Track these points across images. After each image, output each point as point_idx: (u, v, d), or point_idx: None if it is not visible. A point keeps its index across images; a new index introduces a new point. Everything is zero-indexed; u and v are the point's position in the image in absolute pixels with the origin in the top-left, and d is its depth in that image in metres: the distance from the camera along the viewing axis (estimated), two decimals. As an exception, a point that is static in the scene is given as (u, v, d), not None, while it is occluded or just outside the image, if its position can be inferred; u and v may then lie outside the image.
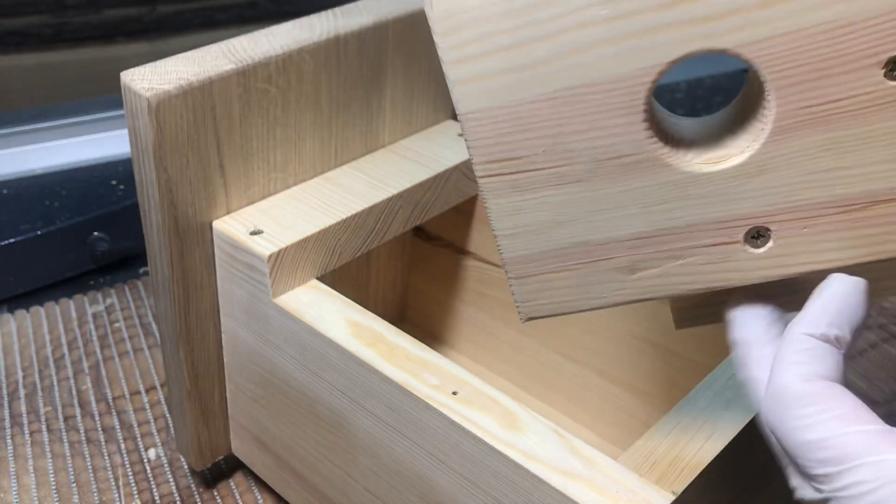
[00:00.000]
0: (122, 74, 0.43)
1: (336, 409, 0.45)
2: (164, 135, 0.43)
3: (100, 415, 0.61)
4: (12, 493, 0.55)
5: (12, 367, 0.65)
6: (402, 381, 0.41)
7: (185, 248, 0.47)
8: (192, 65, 0.44)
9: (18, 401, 0.62)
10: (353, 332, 0.44)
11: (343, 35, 0.49)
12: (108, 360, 0.66)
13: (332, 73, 0.50)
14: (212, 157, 0.46)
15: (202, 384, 0.52)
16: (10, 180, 0.79)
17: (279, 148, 0.50)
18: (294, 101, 0.49)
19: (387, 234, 0.52)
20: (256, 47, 0.46)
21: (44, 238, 0.72)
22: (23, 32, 1.26)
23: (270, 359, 0.48)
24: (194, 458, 0.55)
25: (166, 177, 0.44)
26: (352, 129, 0.53)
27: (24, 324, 0.70)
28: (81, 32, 1.25)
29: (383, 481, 0.45)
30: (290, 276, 0.47)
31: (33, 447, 0.59)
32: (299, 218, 0.49)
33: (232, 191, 0.48)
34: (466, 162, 0.55)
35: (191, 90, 0.43)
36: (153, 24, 1.26)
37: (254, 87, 0.46)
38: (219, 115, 0.45)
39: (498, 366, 0.62)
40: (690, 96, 1.06)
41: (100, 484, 0.56)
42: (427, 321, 0.66)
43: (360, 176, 0.53)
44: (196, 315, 0.50)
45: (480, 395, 0.40)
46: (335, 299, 0.46)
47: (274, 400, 0.50)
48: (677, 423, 0.39)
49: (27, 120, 0.89)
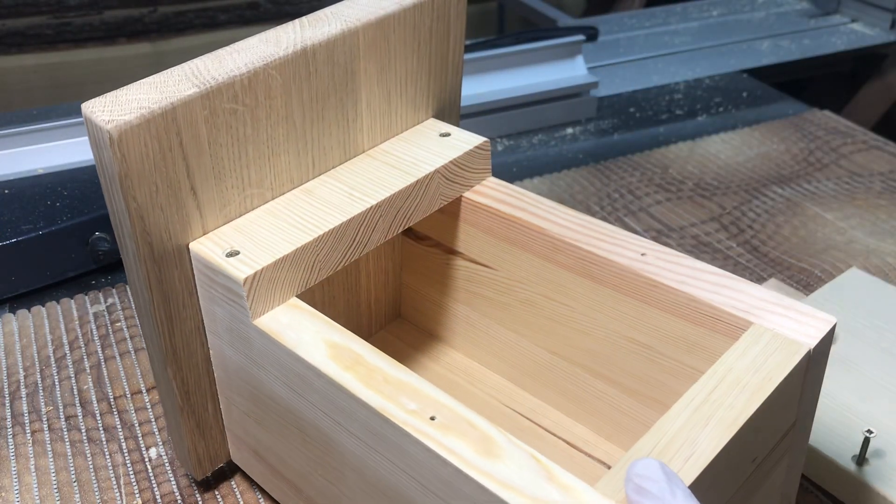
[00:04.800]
0: (83, 106, 0.41)
1: (321, 429, 0.44)
2: (130, 165, 0.41)
3: (101, 414, 0.61)
4: (14, 493, 0.54)
5: (14, 366, 0.65)
6: (379, 407, 0.39)
7: (162, 273, 0.46)
8: (154, 91, 0.42)
9: (20, 400, 0.62)
10: (332, 354, 0.42)
11: (310, 47, 0.47)
12: (110, 360, 0.66)
13: (302, 85, 0.48)
14: (182, 182, 0.44)
15: (194, 399, 0.51)
16: (12, 180, 0.79)
17: (252, 165, 0.48)
18: (264, 117, 0.47)
19: (367, 245, 0.50)
20: (220, 67, 0.44)
21: (45, 238, 0.71)
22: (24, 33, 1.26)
23: (256, 377, 0.47)
24: (193, 468, 0.53)
25: (136, 205, 0.43)
26: (328, 139, 0.51)
27: (25, 323, 0.69)
28: (82, 33, 1.25)
29: (371, 499, 0.43)
30: (268, 296, 0.45)
31: (35, 446, 0.58)
32: (276, 236, 0.47)
33: (207, 212, 0.47)
34: (447, 165, 0.53)
35: (153, 118, 0.41)
36: (154, 24, 1.26)
37: (220, 108, 0.44)
38: (185, 139, 0.43)
39: (493, 363, 0.60)
40: (689, 97, 1.06)
41: (101, 483, 0.55)
42: (422, 318, 0.64)
43: (338, 186, 0.51)
44: (181, 335, 0.48)
45: (458, 420, 0.39)
46: (315, 319, 0.45)
47: (264, 415, 0.48)
48: (655, 444, 0.37)
49: (28, 120, 0.88)
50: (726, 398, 0.39)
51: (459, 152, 0.54)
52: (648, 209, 0.82)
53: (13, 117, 0.92)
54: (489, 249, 0.56)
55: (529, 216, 0.53)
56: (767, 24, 1.22)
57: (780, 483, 0.46)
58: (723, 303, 0.45)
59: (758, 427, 0.40)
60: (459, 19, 0.55)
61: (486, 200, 0.54)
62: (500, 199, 0.54)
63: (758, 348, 0.42)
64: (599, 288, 0.50)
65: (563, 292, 0.53)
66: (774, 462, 0.44)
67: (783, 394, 0.41)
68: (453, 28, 0.55)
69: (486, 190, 0.55)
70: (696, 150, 0.93)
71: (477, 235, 0.56)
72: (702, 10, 1.28)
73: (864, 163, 0.89)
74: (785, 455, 0.45)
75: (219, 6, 1.29)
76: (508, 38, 1.08)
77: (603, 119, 1.00)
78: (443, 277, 0.60)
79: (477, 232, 0.56)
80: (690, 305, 0.46)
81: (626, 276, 0.48)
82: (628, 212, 0.82)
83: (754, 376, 0.40)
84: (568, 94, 0.98)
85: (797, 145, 0.93)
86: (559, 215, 0.52)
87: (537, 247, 0.52)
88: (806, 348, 0.42)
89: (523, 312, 0.56)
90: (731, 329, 0.45)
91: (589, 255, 0.50)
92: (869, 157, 0.90)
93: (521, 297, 0.55)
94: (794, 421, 0.44)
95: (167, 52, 1.25)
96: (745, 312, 0.44)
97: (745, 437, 0.39)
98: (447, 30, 0.55)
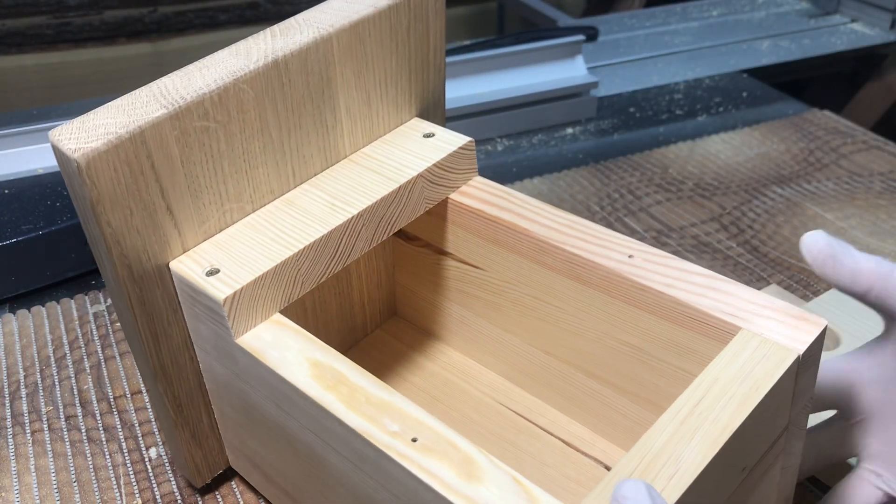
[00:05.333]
0: (51, 134, 0.40)
1: (309, 445, 0.43)
2: (101, 191, 0.40)
3: (101, 414, 0.60)
4: (14, 493, 0.54)
5: (14, 366, 0.64)
6: (361, 430, 0.38)
7: (144, 293, 0.45)
8: (121, 115, 0.41)
9: (20, 400, 0.61)
10: (314, 374, 0.41)
11: (282, 57, 0.46)
12: (110, 360, 0.65)
13: (276, 96, 0.46)
14: (157, 203, 0.43)
15: (187, 411, 0.50)
16: (12, 180, 0.78)
17: (230, 180, 0.46)
18: (238, 131, 0.45)
19: (351, 254, 0.49)
20: (189, 85, 0.43)
21: (45, 238, 0.70)
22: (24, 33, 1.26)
23: (245, 392, 0.46)
24: (192, 476, 0.53)
25: (111, 230, 0.42)
26: (307, 147, 0.50)
27: (25, 323, 0.68)
28: (82, 33, 1.25)
29: None
30: (250, 314, 0.44)
31: (35, 446, 0.57)
32: (256, 252, 0.46)
33: (185, 230, 0.45)
34: (431, 168, 0.52)
35: (121, 143, 0.40)
36: (154, 24, 1.26)
37: (190, 126, 0.43)
38: (157, 161, 0.42)
39: (489, 361, 0.59)
40: (689, 97, 1.05)
41: (101, 483, 0.55)
42: (418, 317, 0.63)
43: (319, 195, 0.50)
44: (168, 351, 0.47)
45: (440, 441, 0.38)
46: (298, 336, 0.44)
47: (255, 428, 0.48)
48: (640, 462, 0.36)
49: (28, 120, 0.88)
50: (712, 410, 0.38)
51: (443, 154, 0.52)
52: (648, 209, 0.82)
53: (13, 117, 0.91)
54: (477, 250, 0.55)
55: (515, 217, 0.51)
56: (767, 24, 1.21)
57: (775, 485, 0.45)
58: (710, 307, 0.44)
59: (746, 437, 0.39)
60: (438, 17, 0.54)
61: (472, 202, 0.53)
62: (485, 201, 0.53)
63: (745, 355, 0.41)
64: (587, 290, 0.49)
65: (552, 294, 0.51)
66: (767, 467, 0.43)
67: (772, 401, 0.40)
68: (432, 26, 0.54)
69: (471, 191, 0.54)
70: (696, 150, 0.92)
71: (465, 237, 0.55)
72: (702, 10, 1.27)
73: (864, 163, 0.89)
74: (778, 458, 0.44)
75: (219, 6, 1.29)
76: (508, 38, 1.08)
77: (603, 119, 1.00)
78: (435, 277, 0.59)
79: (465, 233, 0.55)
80: (677, 309, 0.45)
81: (612, 278, 0.47)
82: (628, 212, 0.81)
83: (741, 386, 0.39)
84: (568, 94, 0.97)
85: (797, 145, 0.93)
86: (545, 216, 0.51)
87: (524, 248, 0.51)
88: (795, 354, 0.41)
89: (514, 313, 0.55)
90: (720, 333, 0.43)
91: (575, 258, 0.48)
92: (869, 157, 0.90)
93: (512, 297, 0.54)
94: (787, 424, 0.43)
95: (167, 52, 1.25)
96: (732, 316, 0.43)
97: (732, 449, 0.38)
98: (426, 29, 0.53)
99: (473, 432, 0.56)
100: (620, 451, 0.54)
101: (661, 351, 0.47)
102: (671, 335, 0.46)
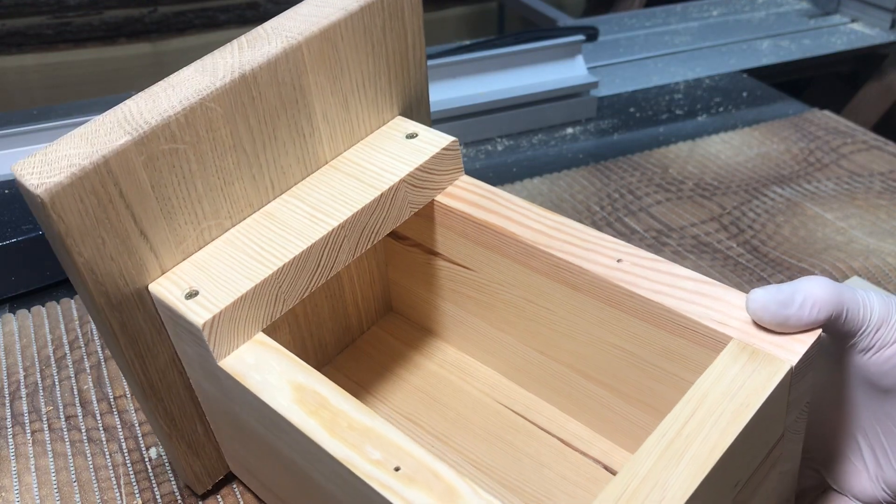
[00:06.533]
0: (14, 168, 0.38)
1: (297, 464, 0.42)
2: (69, 224, 0.38)
3: (101, 414, 0.59)
4: (14, 492, 0.53)
5: (14, 366, 0.63)
6: (343, 458, 0.37)
7: (125, 317, 0.43)
8: (85, 144, 0.39)
9: (20, 400, 0.60)
10: (297, 398, 0.40)
11: (249, 71, 0.43)
12: (110, 360, 0.64)
13: (247, 111, 0.44)
14: (130, 230, 0.41)
15: (181, 424, 0.48)
16: (12, 180, 0.79)
17: (205, 199, 0.44)
18: (209, 150, 0.43)
19: (334, 267, 0.47)
20: (154, 108, 0.41)
21: (45, 238, 0.72)
22: (23, 33, 1.26)
23: (233, 409, 0.44)
24: (192, 483, 0.52)
25: (83, 260, 0.40)
26: (285, 158, 0.48)
27: (25, 323, 0.68)
28: (82, 33, 1.25)
29: None
30: (231, 336, 0.42)
31: (35, 446, 0.56)
32: (235, 271, 0.44)
33: (162, 252, 0.43)
34: (413, 172, 0.49)
35: (86, 175, 0.38)
36: (154, 24, 1.26)
37: (157, 150, 0.41)
38: (125, 188, 0.40)
39: (485, 358, 0.58)
40: (689, 97, 1.05)
41: (101, 483, 0.54)
42: (413, 313, 0.61)
43: (299, 206, 0.47)
44: (156, 370, 0.46)
45: (423, 470, 0.36)
46: (281, 358, 0.42)
47: (247, 442, 0.46)
48: (625, 490, 0.34)
49: (28, 120, 0.87)
50: (700, 431, 0.36)
51: (426, 157, 0.50)
52: (648, 209, 0.81)
53: (13, 117, 0.91)
54: (466, 252, 0.53)
55: (502, 220, 0.49)
56: (767, 24, 1.20)
57: (773, 489, 0.43)
58: (700, 314, 0.41)
59: (736, 454, 0.37)
60: (415, 13, 0.51)
61: (458, 204, 0.51)
62: (472, 202, 0.51)
63: (735, 369, 0.38)
64: (577, 294, 0.47)
65: (542, 296, 0.49)
66: (762, 477, 0.41)
67: (764, 416, 0.38)
68: (409, 23, 0.51)
69: (457, 192, 0.52)
70: (696, 150, 0.91)
71: (453, 238, 0.53)
72: (702, 10, 1.26)
73: (864, 163, 0.88)
74: (775, 465, 0.42)
75: (219, 6, 1.29)
76: (508, 38, 1.08)
77: (603, 119, 0.98)
78: (427, 276, 0.57)
79: (453, 235, 0.53)
80: (667, 316, 0.43)
81: (600, 283, 0.45)
82: (628, 212, 0.80)
83: (731, 403, 0.37)
84: (568, 94, 0.95)
85: (797, 145, 0.92)
86: (533, 218, 0.49)
87: (512, 252, 0.49)
88: (787, 365, 0.38)
89: (507, 313, 0.53)
90: (710, 342, 0.41)
91: (562, 262, 0.46)
92: (869, 157, 0.89)
93: (503, 298, 0.52)
94: (782, 432, 0.41)
95: (167, 52, 1.25)
96: (722, 325, 0.41)
97: (722, 469, 0.36)
98: (402, 26, 0.51)
99: (471, 433, 0.54)
100: (620, 450, 0.52)
101: (654, 356, 0.45)
102: (662, 341, 0.44)
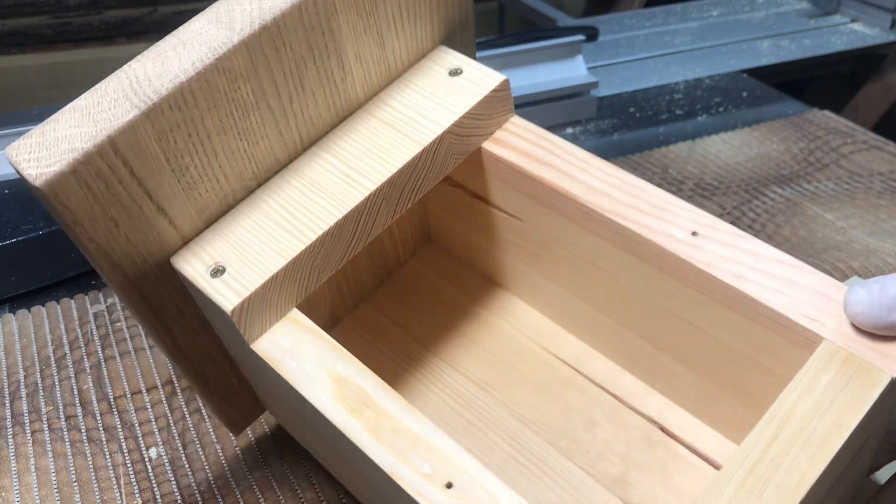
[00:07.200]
0: (8, 153, 0.34)
1: (339, 448, 0.38)
2: (76, 212, 0.34)
3: (101, 414, 0.58)
4: (14, 493, 0.52)
5: (14, 366, 0.61)
6: (389, 469, 0.33)
7: (147, 291, 0.39)
8: (87, 122, 0.34)
9: (20, 400, 0.58)
10: (338, 394, 0.36)
11: (272, 21, 0.37)
12: (110, 360, 0.62)
13: (271, 64, 0.38)
14: (145, 207, 0.37)
15: (214, 381, 0.45)
16: (12, 180, 0.77)
17: (227, 165, 0.40)
18: (229, 112, 0.38)
19: (371, 233, 0.42)
20: (164, 72, 0.35)
21: (46, 238, 0.67)
22: (23, 33, 1.26)
23: (268, 381, 0.41)
24: (228, 427, 0.49)
25: (96, 244, 0.36)
26: (314, 108, 0.42)
27: (25, 323, 0.66)
28: (82, 33, 1.25)
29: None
30: (263, 316, 0.38)
31: (35, 446, 0.55)
32: (265, 245, 0.39)
33: (182, 224, 0.39)
34: (459, 121, 0.43)
35: (89, 160, 0.33)
36: (154, 24, 1.26)
37: (170, 121, 0.36)
38: (136, 166, 0.35)
39: (530, 299, 0.52)
40: (689, 97, 1.05)
41: (101, 483, 0.53)
42: (453, 245, 0.56)
43: (331, 163, 0.42)
44: (184, 337, 0.42)
45: (476, 488, 0.32)
46: (318, 342, 0.38)
47: (285, 407, 0.43)
48: None
49: (28, 120, 0.87)
50: (787, 455, 0.31)
51: (473, 101, 0.43)
52: (648, 209, 0.82)
53: (13, 117, 0.91)
54: (518, 203, 0.46)
55: (558, 175, 0.43)
56: (767, 24, 1.20)
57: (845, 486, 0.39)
58: (787, 307, 0.36)
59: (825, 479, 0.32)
60: None
61: (508, 153, 0.44)
62: (524, 151, 0.44)
63: (827, 378, 0.33)
64: (643, 265, 0.41)
65: (603, 259, 0.44)
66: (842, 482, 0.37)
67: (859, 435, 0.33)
68: None
69: (507, 137, 0.45)
70: (696, 150, 0.92)
71: (502, 188, 0.47)
72: (702, 10, 1.26)
73: (864, 163, 0.88)
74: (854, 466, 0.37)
75: (219, 6, 1.28)
76: (508, 38, 1.08)
77: (603, 119, 0.98)
78: (471, 217, 0.51)
79: (501, 184, 0.46)
80: (750, 305, 0.37)
81: (672, 259, 0.39)
82: (628, 212, 0.81)
83: (821, 422, 0.32)
84: (568, 94, 0.94)
85: (797, 145, 0.92)
86: (592, 174, 0.43)
87: (569, 211, 0.43)
88: (888, 377, 0.33)
89: (561, 268, 0.47)
90: (798, 338, 0.36)
91: (628, 231, 0.41)
92: (869, 157, 0.89)
93: (557, 253, 0.47)
94: (867, 438, 0.36)
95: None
96: (813, 321, 0.35)
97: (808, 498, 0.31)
98: None
99: (519, 385, 0.49)
100: (676, 408, 0.47)
101: (732, 340, 0.40)
102: (743, 329, 0.39)
